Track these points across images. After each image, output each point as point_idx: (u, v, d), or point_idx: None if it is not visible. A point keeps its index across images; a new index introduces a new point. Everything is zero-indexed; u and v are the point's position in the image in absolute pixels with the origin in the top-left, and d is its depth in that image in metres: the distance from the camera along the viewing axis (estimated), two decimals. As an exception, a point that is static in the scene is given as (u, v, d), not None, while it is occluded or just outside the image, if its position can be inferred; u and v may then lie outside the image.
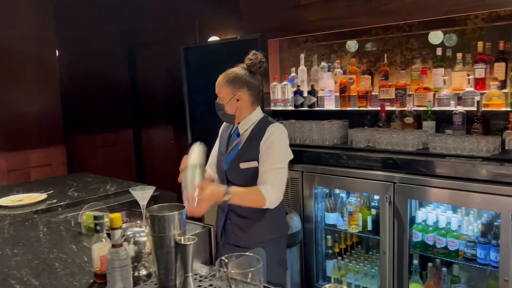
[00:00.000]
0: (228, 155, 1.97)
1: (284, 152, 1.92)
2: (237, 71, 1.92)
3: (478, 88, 2.69)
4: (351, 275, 2.84)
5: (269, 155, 1.86)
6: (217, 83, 1.92)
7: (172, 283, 1.33)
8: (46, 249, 1.72)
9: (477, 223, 2.42)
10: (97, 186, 2.67)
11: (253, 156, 1.89)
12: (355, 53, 3.39)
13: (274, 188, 1.83)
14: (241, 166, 1.90)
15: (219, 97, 1.93)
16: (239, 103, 1.91)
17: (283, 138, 1.92)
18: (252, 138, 1.92)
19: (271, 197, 1.82)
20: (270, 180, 1.83)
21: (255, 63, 1.91)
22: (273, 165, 1.85)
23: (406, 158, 2.50)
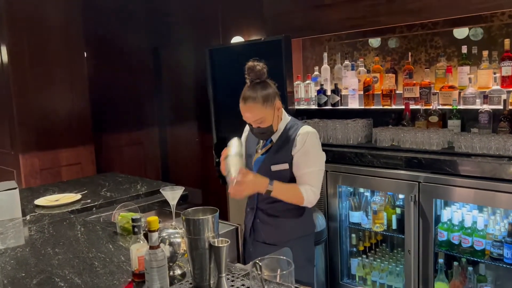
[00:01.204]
0: (258, 159, 2.01)
1: (319, 154, 1.98)
2: (261, 87, 1.87)
3: (504, 86, 2.66)
4: (375, 273, 2.87)
5: (306, 160, 1.91)
6: (253, 110, 1.85)
7: (207, 283, 1.40)
8: (85, 249, 1.81)
9: (504, 223, 2.41)
10: (128, 186, 2.77)
11: (284, 159, 1.94)
12: (378, 52, 3.39)
13: (313, 189, 1.91)
14: (272, 169, 1.94)
15: (262, 120, 1.88)
16: (279, 112, 1.94)
17: (316, 141, 1.96)
18: (283, 142, 1.96)
19: (310, 197, 1.90)
20: (309, 181, 1.91)
21: (260, 71, 1.86)
22: (310, 167, 1.91)
23: (431, 158, 2.50)
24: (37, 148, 3.96)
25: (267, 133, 1.94)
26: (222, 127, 3.67)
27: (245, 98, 1.87)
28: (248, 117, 1.89)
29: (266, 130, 1.91)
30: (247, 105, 1.86)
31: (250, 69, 1.86)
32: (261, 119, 1.88)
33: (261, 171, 1.97)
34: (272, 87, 1.92)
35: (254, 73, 1.86)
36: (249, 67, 1.87)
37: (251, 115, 1.87)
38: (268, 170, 1.95)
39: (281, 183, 1.88)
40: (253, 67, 1.86)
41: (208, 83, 3.63)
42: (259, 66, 1.86)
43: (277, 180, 1.88)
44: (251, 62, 1.87)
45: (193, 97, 4.80)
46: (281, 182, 1.89)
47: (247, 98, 1.86)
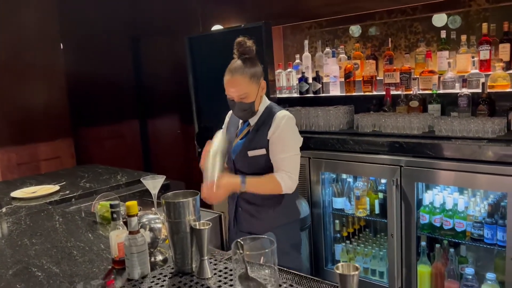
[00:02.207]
0: (237, 144, 1.99)
1: (295, 138, 1.94)
2: (249, 63, 1.85)
3: (483, 70, 2.70)
4: (359, 258, 2.89)
5: (281, 144, 1.87)
6: (239, 84, 1.82)
7: (189, 267, 1.38)
8: (64, 238, 1.77)
9: (484, 204, 2.45)
10: (108, 176, 2.71)
11: (261, 144, 1.91)
12: (359, 38, 3.39)
13: (289, 174, 1.86)
14: (249, 154, 1.91)
15: (245, 96, 1.84)
16: (262, 92, 1.92)
17: (292, 125, 1.93)
18: (259, 126, 1.94)
19: (287, 184, 1.86)
20: (284, 167, 1.86)
21: (249, 47, 1.85)
22: (286, 153, 1.87)
23: (412, 142, 2.52)
24: (13, 142, 3.85)
25: (248, 111, 1.89)
26: (204, 116, 3.63)
27: (233, 71, 1.83)
28: (233, 92, 1.84)
29: (248, 107, 1.87)
30: (234, 78, 1.82)
31: (239, 44, 1.84)
32: (246, 94, 1.84)
33: (239, 156, 1.95)
34: (259, 66, 1.90)
35: (243, 48, 1.84)
36: (238, 42, 1.84)
37: (236, 89, 1.83)
38: (245, 156, 1.93)
39: (254, 178, 1.84)
40: (242, 42, 1.84)
41: (188, 73, 3.58)
42: (248, 42, 1.84)
43: (251, 175, 1.85)
44: (241, 37, 1.85)
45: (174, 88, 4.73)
46: (254, 177, 1.85)
47: (235, 70, 1.82)
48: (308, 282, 1.28)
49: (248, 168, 1.93)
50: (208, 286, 1.29)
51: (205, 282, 1.31)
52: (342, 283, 0.96)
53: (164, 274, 1.39)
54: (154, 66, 4.98)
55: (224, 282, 1.30)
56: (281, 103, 3.43)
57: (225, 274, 1.35)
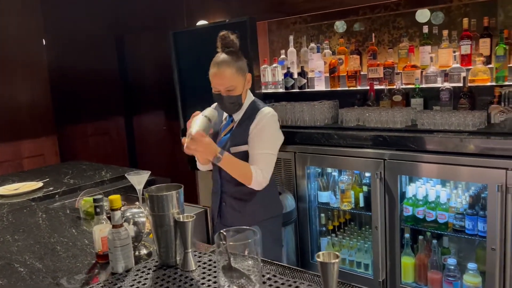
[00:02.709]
0: (221, 140, 1.99)
1: (275, 137, 1.95)
2: (234, 56, 1.85)
3: (464, 64, 2.75)
4: (345, 251, 2.92)
5: (260, 140, 1.88)
6: (226, 76, 1.82)
7: (173, 260, 1.38)
8: (47, 234, 1.75)
9: (465, 196, 2.50)
10: (93, 173, 2.69)
11: (243, 140, 1.91)
12: (343, 33, 3.42)
13: (263, 171, 1.86)
14: (231, 151, 1.91)
15: (233, 88, 1.84)
16: (248, 86, 1.93)
17: (273, 123, 1.93)
18: (242, 122, 1.94)
19: (258, 178, 1.85)
20: (260, 163, 1.87)
21: (233, 41, 1.85)
22: (263, 149, 1.88)
23: (395, 135, 2.55)
24: (-5, 139, 3.80)
25: (236, 103, 1.89)
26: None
27: (219, 63, 1.82)
28: (220, 84, 1.83)
29: (235, 99, 1.88)
30: (220, 70, 1.81)
31: (223, 38, 1.84)
32: (233, 86, 1.83)
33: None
34: (244, 60, 1.91)
35: (227, 41, 1.84)
36: (222, 36, 1.84)
37: (223, 82, 1.82)
38: (229, 152, 1.91)
39: (232, 157, 1.84)
40: (226, 35, 1.84)
41: (173, 68, 3.56)
42: (232, 36, 1.85)
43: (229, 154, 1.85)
44: (224, 31, 1.85)
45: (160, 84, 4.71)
46: (231, 157, 1.84)
47: (221, 63, 1.82)
48: (291, 273, 1.30)
49: None
50: (192, 278, 1.29)
51: (189, 275, 1.31)
52: (323, 271, 0.97)
53: (148, 267, 1.39)
54: (140, 62, 4.94)
55: (208, 274, 1.31)
56: (266, 98, 3.45)
57: (209, 266, 1.36)
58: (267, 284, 1.22)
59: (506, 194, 2.17)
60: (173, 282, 1.28)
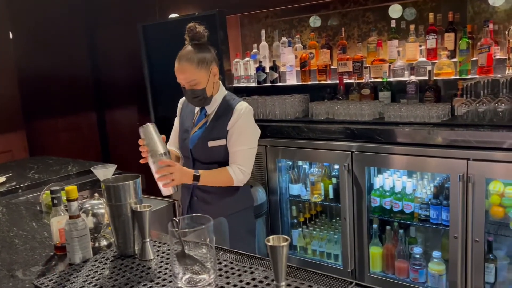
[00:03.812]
0: (195, 134, 1.96)
1: (253, 132, 1.96)
2: (198, 49, 1.83)
3: (430, 58, 2.80)
4: (315, 242, 2.96)
5: (239, 137, 1.88)
6: (186, 71, 1.81)
7: (131, 250, 1.37)
8: (6, 228, 1.72)
9: (430, 186, 2.56)
10: (59, 167, 2.65)
11: (221, 135, 1.90)
12: (314, 28, 3.44)
13: (242, 168, 1.88)
14: (209, 145, 1.90)
15: (195, 83, 1.83)
16: (215, 79, 1.90)
17: (250, 117, 1.94)
18: (219, 116, 1.92)
19: (239, 177, 1.88)
20: (239, 160, 1.88)
21: (200, 33, 1.84)
22: (243, 145, 1.89)
23: (362, 128, 2.59)
24: (-39, 135, 3.69)
25: (201, 97, 1.87)
26: (161, 106, 3.59)
27: (180, 58, 1.82)
28: (182, 79, 1.84)
29: (199, 93, 1.85)
30: (181, 65, 1.81)
31: (190, 30, 1.83)
32: (194, 80, 1.82)
33: (198, 146, 1.93)
34: (211, 52, 1.88)
35: (194, 34, 1.83)
36: (189, 28, 1.83)
37: (184, 76, 1.82)
38: (205, 146, 1.91)
39: (207, 171, 1.86)
40: (193, 27, 1.82)
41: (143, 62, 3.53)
42: (199, 27, 1.83)
43: (203, 170, 1.86)
44: (193, 23, 1.84)
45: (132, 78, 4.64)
46: (206, 171, 1.86)
47: (182, 57, 1.82)
48: (249, 260, 1.31)
49: (207, 158, 1.93)
50: (150, 267, 1.29)
51: (147, 264, 1.31)
52: (273, 254, 0.99)
53: (106, 257, 1.38)
54: (111, 56, 4.87)
55: (166, 263, 1.31)
56: (239, 92, 3.45)
57: (168, 255, 1.36)
58: (223, 271, 1.22)
59: (467, 183, 2.23)
60: (130, 271, 1.27)
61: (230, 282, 1.16)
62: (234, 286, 1.14)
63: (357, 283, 1.12)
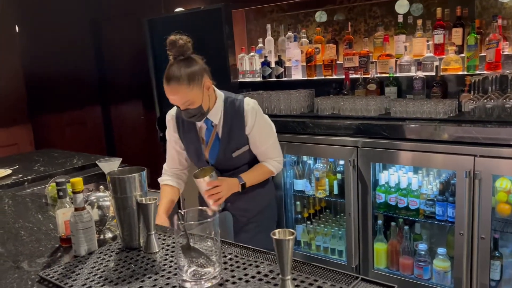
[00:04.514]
0: (211, 149, 1.87)
1: (270, 123, 1.97)
2: (185, 65, 1.66)
3: (437, 54, 2.77)
4: (319, 237, 2.95)
5: (262, 135, 1.88)
6: (178, 92, 1.65)
7: (136, 242, 1.37)
8: (12, 220, 1.72)
9: (436, 183, 2.54)
10: (64, 160, 2.65)
11: (242, 142, 1.86)
12: (320, 23, 3.42)
13: (277, 159, 1.95)
14: (233, 156, 1.87)
15: (190, 103, 1.68)
16: (209, 91, 1.76)
17: (261, 112, 1.89)
18: (230, 123, 1.83)
19: (277, 168, 1.96)
20: (272, 154, 1.92)
21: (184, 46, 1.65)
22: (269, 141, 1.91)
23: (368, 123, 2.57)
24: (-33, 128, 3.71)
25: (198, 115, 1.74)
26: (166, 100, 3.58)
27: (168, 79, 1.65)
28: (174, 100, 1.69)
29: (195, 111, 1.72)
30: (170, 86, 1.65)
31: (172, 44, 1.63)
32: (189, 101, 1.67)
33: (221, 160, 1.87)
34: (199, 63, 1.71)
35: (176, 48, 1.64)
36: (170, 42, 1.63)
37: (177, 98, 1.67)
38: (229, 157, 1.86)
39: (249, 173, 1.89)
40: (175, 41, 1.63)
41: (148, 56, 3.52)
42: (181, 40, 1.63)
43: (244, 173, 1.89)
44: (173, 35, 1.64)
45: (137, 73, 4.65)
46: (247, 173, 1.89)
47: (170, 78, 1.64)
48: (254, 254, 1.30)
49: (233, 165, 1.91)
50: (155, 259, 1.29)
51: (152, 256, 1.31)
52: (278, 247, 0.98)
53: (112, 250, 1.38)
54: (116, 51, 4.87)
55: (170, 256, 1.30)
56: (244, 87, 3.44)
57: (173, 248, 1.35)
58: (228, 264, 1.22)
59: (474, 180, 2.21)
60: (135, 263, 1.27)
61: (235, 276, 1.16)
62: (239, 279, 1.14)
63: (362, 278, 1.12)
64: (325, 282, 1.08)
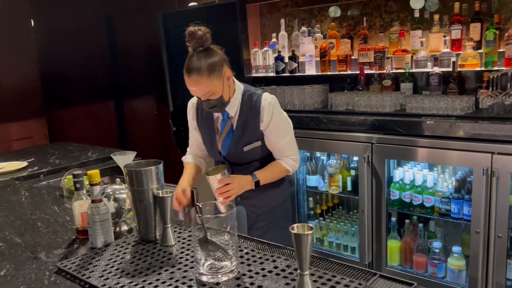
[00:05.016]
0: (224, 140, 1.87)
1: (287, 119, 1.92)
2: (204, 56, 1.65)
3: (454, 49, 2.73)
4: (332, 234, 2.94)
5: (279, 132, 1.84)
6: (198, 83, 1.65)
7: (152, 235, 1.38)
8: (29, 211, 1.74)
9: (452, 180, 2.51)
10: (79, 153, 2.67)
11: (254, 137, 1.83)
12: (334, 18, 3.38)
13: (293, 157, 1.89)
14: (245, 149, 1.85)
15: (211, 93, 1.68)
16: (230, 81, 1.76)
17: (279, 108, 1.86)
18: (246, 117, 1.81)
19: (293, 166, 1.90)
20: (288, 152, 1.87)
21: (203, 37, 1.64)
22: (283, 139, 1.85)
23: (383, 119, 2.54)
24: (-18, 121, 3.76)
25: (219, 105, 1.75)
26: (179, 95, 3.59)
27: (189, 70, 1.65)
28: (195, 91, 1.70)
29: (217, 102, 1.72)
30: (191, 78, 1.65)
31: (191, 35, 1.63)
32: (209, 92, 1.68)
33: (232, 153, 1.87)
34: (219, 53, 1.70)
35: (196, 39, 1.63)
36: (189, 33, 1.63)
37: (198, 89, 1.67)
38: (240, 151, 1.85)
39: (264, 171, 1.85)
40: (194, 32, 1.62)
41: (162, 50, 3.53)
42: (200, 31, 1.63)
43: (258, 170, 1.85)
44: (192, 27, 1.64)
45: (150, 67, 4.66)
46: (262, 171, 1.85)
47: (191, 70, 1.64)
48: (270, 248, 1.30)
49: (244, 160, 1.89)
50: (171, 252, 1.29)
51: (168, 249, 1.31)
52: (297, 242, 0.97)
53: (128, 242, 1.38)
54: (130, 45, 4.88)
55: (187, 249, 1.30)
56: (257, 82, 3.43)
57: (189, 241, 1.35)
58: (244, 258, 1.22)
59: (491, 177, 2.18)
60: (151, 256, 1.27)
61: (252, 270, 1.15)
62: (256, 273, 1.13)
63: (381, 275, 1.10)
64: (343, 278, 1.07)
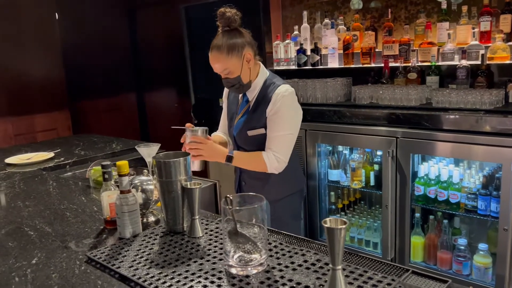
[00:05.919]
0: (238, 122, 1.92)
1: (293, 116, 1.85)
2: (228, 36, 1.74)
3: (483, 42, 2.65)
4: (354, 229, 2.91)
5: (276, 122, 1.80)
6: (218, 60, 1.74)
7: (180, 226, 1.38)
8: (57, 201, 1.77)
9: (479, 176, 2.45)
10: (103, 145, 2.71)
11: (260, 123, 1.84)
12: (358, 9, 3.33)
13: (277, 156, 1.80)
14: (248, 134, 1.86)
15: (229, 72, 1.77)
16: (250, 64, 1.79)
17: (290, 102, 1.82)
18: (258, 104, 1.84)
19: (273, 164, 1.81)
20: (275, 147, 1.80)
21: (231, 18, 1.73)
22: (279, 131, 1.80)
23: (408, 113, 2.50)
24: (9, 113, 3.84)
25: (237, 85, 1.80)
26: (200, 87, 3.60)
27: (212, 47, 1.76)
28: (216, 68, 1.78)
29: (234, 81, 1.79)
30: (212, 55, 1.75)
31: (221, 15, 1.73)
32: (227, 69, 1.76)
33: (240, 135, 1.90)
34: (245, 36, 1.77)
35: (224, 19, 1.73)
36: (219, 13, 1.74)
37: (217, 66, 1.77)
38: (246, 135, 1.87)
39: (242, 153, 1.85)
40: (223, 13, 1.72)
41: (184, 43, 3.53)
42: (229, 12, 1.72)
43: (239, 151, 1.86)
44: (223, 8, 1.74)
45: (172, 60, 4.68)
46: (242, 153, 1.85)
47: (213, 47, 1.75)
48: (298, 242, 1.29)
49: (249, 145, 1.90)
50: (199, 244, 1.29)
51: (196, 241, 1.31)
52: (330, 236, 0.96)
53: (156, 233, 1.39)
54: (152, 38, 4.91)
55: (215, 241, 1.31)
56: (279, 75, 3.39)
57: (216, 233, 1.36)
58: (273, 251, 1.21)
59: (522, 173, 2.12)
60: (179, 247, 1.28)
61: (282, 263, 1.15)
62: (285, 267, 1.13)
63: (413, 271, 1.08)
64: (375, 274, 1.06)
